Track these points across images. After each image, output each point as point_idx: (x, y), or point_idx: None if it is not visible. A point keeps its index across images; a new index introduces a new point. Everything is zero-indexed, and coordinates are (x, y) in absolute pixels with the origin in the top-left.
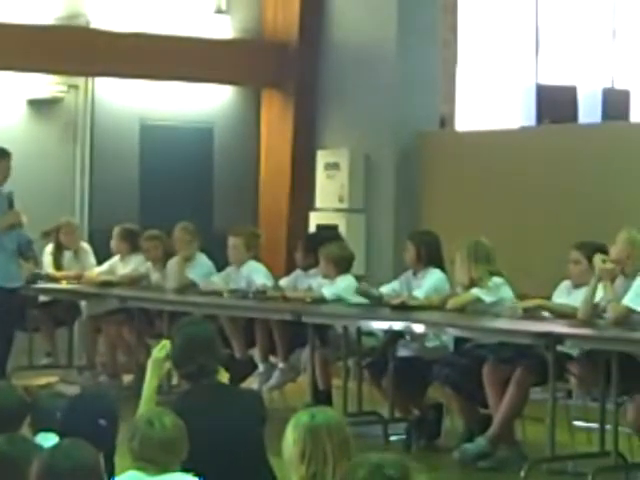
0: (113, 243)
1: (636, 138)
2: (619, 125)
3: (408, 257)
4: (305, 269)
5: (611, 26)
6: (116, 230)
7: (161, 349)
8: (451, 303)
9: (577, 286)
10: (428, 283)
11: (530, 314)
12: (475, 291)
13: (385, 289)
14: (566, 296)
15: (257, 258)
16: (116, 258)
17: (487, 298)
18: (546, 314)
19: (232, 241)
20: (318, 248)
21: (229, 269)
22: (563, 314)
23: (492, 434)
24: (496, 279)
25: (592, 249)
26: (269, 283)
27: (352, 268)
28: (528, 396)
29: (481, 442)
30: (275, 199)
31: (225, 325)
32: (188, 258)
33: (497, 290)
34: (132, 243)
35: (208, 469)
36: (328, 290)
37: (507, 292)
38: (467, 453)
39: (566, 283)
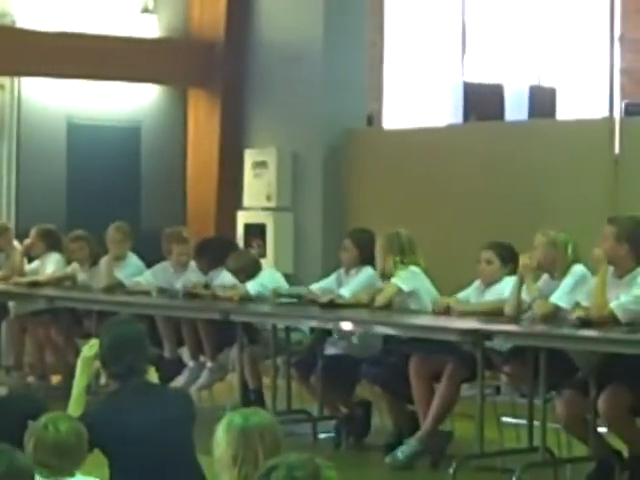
0: (29, 242)
1: (562, 135)
2: (545, 122)
3: (347, 256)
4: (205, 274)
5: (537, 24)
6: (34, 230)
7: (90, 348)
8: (378, 300)
9: (488, 285)
10: (357, 281)
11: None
12: (394, 281)
13: (315, 287)
14: (479, 295)
15: None
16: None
17: (405, 286)
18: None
19: (182, 249)
20: (207, 254)
21: (165, 265)
22: (473, 313)
23: (425, 432)
24: (413, 268)
25: (503, 249)
26: (201, 282)
27: (259, 266)
28: (459, 391)
29: (412, 443)
30: (203, 198)
31: (159, 324)
32: (118, 257)
33: (414, 278)
34: (48, 243)
35: (137, 469)
36: (252, 286)
37: (423, 281)
38: (399, 458)
39: (478, 283)
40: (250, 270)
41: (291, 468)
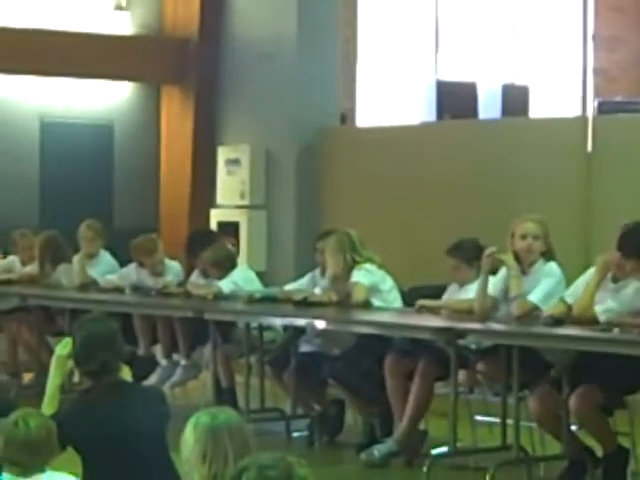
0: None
1: (536, 134)
2: (518, 121)
3: (323, 259)
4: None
5: (510, 22)
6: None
7: (64, 346)
8: (356, 299)
9: (462, 285)
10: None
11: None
12: (354, 279)
13: (289, 288)
14: (457, 296)
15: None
16: (13, 257)
17: (365, 281)
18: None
19: (154, 259)
20: (194, 250)
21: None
22: (462, 310)
23: (402, 433)
24: (367, 266)
25: (464, 251)
26: (175, 280)
27: (235, 263)
28: (433, 389)
29: (389, 443)
30: (176, 196)
31: (135, 322)
32: (91, 255)
33: (370, 274)
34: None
35: (110, 467)
36: (225, 284)
37: (383, 277)
38: (375, 455)
39: (454, 285)
40: (226, 265)
41: (262, 468)
